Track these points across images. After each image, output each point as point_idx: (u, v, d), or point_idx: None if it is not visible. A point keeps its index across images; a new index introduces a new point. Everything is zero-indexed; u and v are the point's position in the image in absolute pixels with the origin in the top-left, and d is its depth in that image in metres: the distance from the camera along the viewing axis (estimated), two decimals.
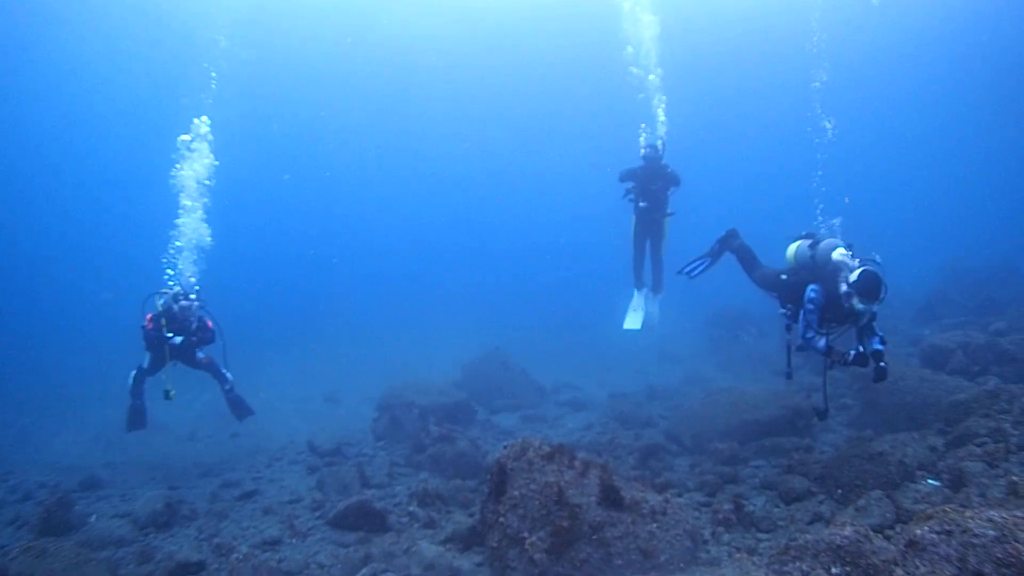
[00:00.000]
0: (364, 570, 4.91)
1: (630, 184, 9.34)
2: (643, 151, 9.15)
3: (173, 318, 7.49)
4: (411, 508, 6.24)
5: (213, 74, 14.52)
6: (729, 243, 7.17)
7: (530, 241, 39.28)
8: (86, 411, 10.79)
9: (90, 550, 4.98)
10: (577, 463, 5.39)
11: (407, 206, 41.60)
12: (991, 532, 2.68)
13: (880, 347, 5.29)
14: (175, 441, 8.38)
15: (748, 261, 6.95)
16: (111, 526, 5.65)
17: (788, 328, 6.10)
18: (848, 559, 3.45)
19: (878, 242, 5.95)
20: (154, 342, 7.53)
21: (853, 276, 5.04)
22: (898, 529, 3.93)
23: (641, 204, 9.22)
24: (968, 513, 2.89)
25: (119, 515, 6.04)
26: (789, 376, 6.14)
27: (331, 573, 5.00)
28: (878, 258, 5.22)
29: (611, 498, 4.91)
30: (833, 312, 5.37)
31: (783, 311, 6.14)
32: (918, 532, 3.02)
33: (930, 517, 3.07)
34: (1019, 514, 2.75)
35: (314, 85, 34.00)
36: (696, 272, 7.56)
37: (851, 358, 5.14)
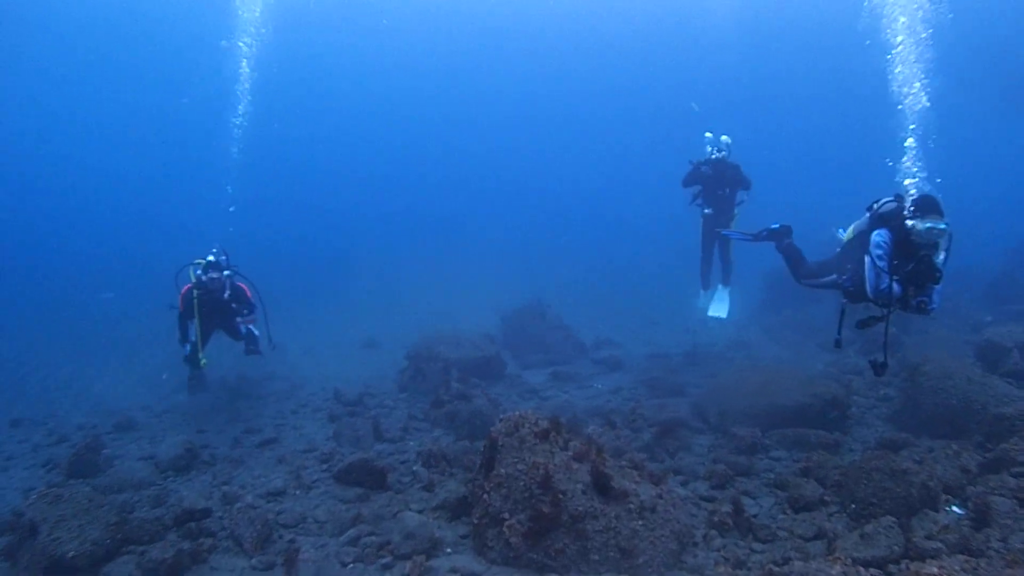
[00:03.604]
0: (351, 531, 5.00)
1: (696, 189, 8.83)
2: (711, 154, 8.62)
3: (205, 288, 7.79)
4: (415, 468, 6.22)
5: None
6: (779, 239, 6.80)
7: (586, 190, 38.00)
8: (134, 352, 11.62)
9: (106, 493, 5.33)
10: (571, 444, 5.14)
11: (461, 153, 41.02)
12: None
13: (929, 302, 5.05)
14: (213, 384, 8.87)
15: (796, 262, 6.56)
16: (134, 468, 5.97)
17: (845, 291, 5.63)
18: None
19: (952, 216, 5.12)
20: (186, 323, 7.95)
21: (909, 202, 5.09)
22: (902, 566, 3.43)
23: (707, 211, 8.73)
24: None
25: (144, 457, 6.40)
26: (838, 344, 5.66)
27: (324, 529, 5.12)
28: None
29: (600, 487, 4.65)
30: (903, 254, 5.03)
31: (843, 277, 5.69)
32: None
33: None
34: None
35: (362, 23, 33.22)
36: (732, 237, 7.53)
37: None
